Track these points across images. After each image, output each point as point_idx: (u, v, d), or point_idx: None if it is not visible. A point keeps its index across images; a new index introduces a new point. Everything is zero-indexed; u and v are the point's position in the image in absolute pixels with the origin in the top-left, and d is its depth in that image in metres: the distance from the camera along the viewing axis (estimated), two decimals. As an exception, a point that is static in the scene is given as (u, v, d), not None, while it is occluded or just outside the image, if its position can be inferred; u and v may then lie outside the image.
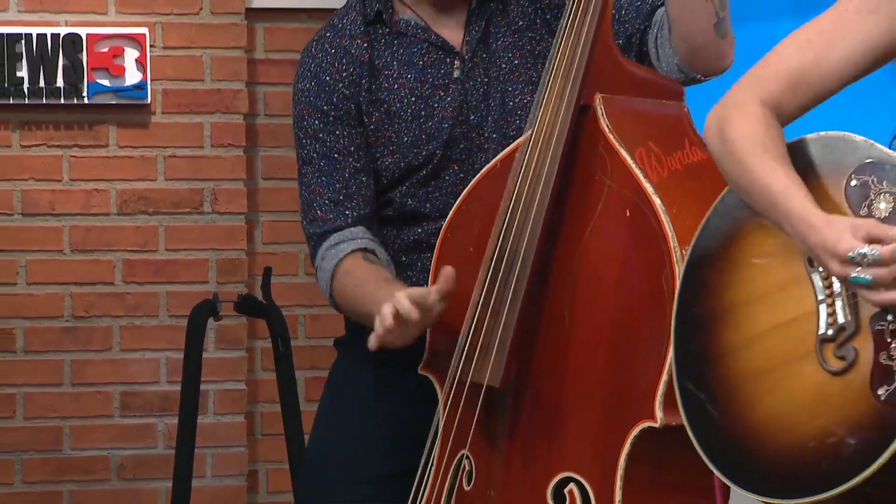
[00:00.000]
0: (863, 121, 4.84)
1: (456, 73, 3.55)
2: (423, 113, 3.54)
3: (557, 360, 3.30)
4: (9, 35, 5.05)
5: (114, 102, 5.11)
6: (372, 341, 3.34)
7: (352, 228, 3.56)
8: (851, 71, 2.86)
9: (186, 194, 5.19)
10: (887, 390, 2.61)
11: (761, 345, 2.85)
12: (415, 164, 3.53)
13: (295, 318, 5.13)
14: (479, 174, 3.45)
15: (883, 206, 2.75)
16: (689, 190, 3.25)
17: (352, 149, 3.57)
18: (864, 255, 2.65)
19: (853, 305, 2.77)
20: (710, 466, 2.88)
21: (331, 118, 3.57)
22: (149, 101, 5.15)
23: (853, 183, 2.78)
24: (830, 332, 2.77)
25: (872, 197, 2.77)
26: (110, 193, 5.15)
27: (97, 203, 5.14)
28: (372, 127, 3.54)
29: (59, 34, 5.08)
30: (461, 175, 3.54)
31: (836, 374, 2.73)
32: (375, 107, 3.54)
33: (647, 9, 3.53)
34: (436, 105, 3.54)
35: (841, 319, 2.76)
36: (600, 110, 3.29)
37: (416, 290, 3.31)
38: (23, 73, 5.06)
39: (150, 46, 5.13)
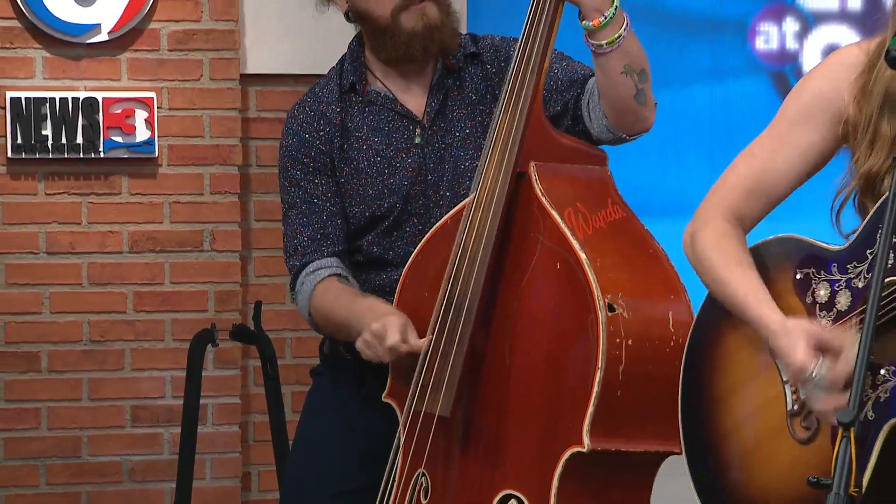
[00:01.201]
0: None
1: (417, 139, 3.57)
2: (386, 171, 3.55)
3: (500, 393, 3.29)
4: (35, 99, 5.04)
5: (126, 156, 5.11)
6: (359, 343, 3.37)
7: (328, 258, 3.59)
8: (795, 176, 2.86)
9: (188, 235, 5.18)
10: (843, 422, 2.54)
11: (748, 426, 2.84)
12: (378, 214, 3.54)
13: (283, 341, 5.11)
14: (432, 229, 3.44)
15: (822, 293, 2.76)
16: (611, 245, 3.25)
17: (328, 195, 3.60)
18: (814, 376, 2.65)
19: None
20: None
21: (310, 169, 3.59)
22: (156, 155, 5.14)
23: (798, 276, 2.80)
24: (796, 407, 2.76)
25: (814, 286, 2.78)
26: (123, 234, 5.15)
27: (111, 243, 5.13)
28: (342, 180, 3.56)
29: (78, 98, 5.07)
30: (419, 227, 3.53)
31: (804, 442, 2.74)
32: (346, 163, 3.57)
33: (580, 79, 3.51)
34: (398, 165, 3.56)
35: (802, 396, 2.75)
36: (534, 176, 3.28)
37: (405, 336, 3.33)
38: (47, 131, 5.04)
39: (158, 108, 5.12)
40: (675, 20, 5.64)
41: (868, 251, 2.72)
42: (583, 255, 3.16)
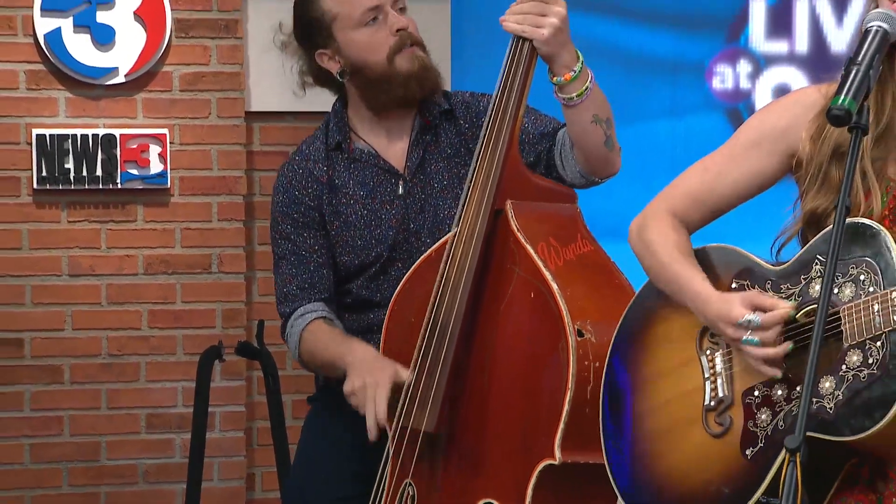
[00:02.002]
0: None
1: (400, 191, 3.55)
2: (373, 222, 3.54)
3: (479, 410, 3.28)
4: (58, 135, 5.05)
5: (141, 187, 5.12)
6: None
7: (315, 303, 3.58)
8: (739, 195, 2.85)
9: (198, 258, 5.18)
10: (753, 451, 2.61)
11: (665, 411, 2.84)
12: (366, 262, 3.53)
13: (284, 354, 5.01)
14: (418, 260, 3.44)
15: None
16: (580, 276, 3.25)
17: (316, 248, 3.57)
18: (750, 321, 2.65)
19: (730, 382, 2.77)
20: (614, 479, 2.87)
21: (299, 224, 3.57)
22: (169, 186, 5.15)
23: (734, 286, 2.79)
24: (713, 403, 2.76)
25: None
26: (138, 258, 5.15)
27: (128, 266, 5.14)
28: (333, 232, 3.54)
29: (98, 134, 5.08)
30: (404, 271, 3.47)
31: (716, 436, 2.74)
32: (335, 216, 3.54)
33: (550, 132, 3.50)
34: (383, 216, 3.54)
35: (720, 394, 2.76)
36: (510, 213, 3.28)
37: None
38: (69, 164, 5.05)
39: (170, 143, 5.12)
40: (640, 62, 5.63)
41: (803, 277, 2.73)
42: (554, 286, 3.16)
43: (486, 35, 5.57)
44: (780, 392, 2.68)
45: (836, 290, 2.61)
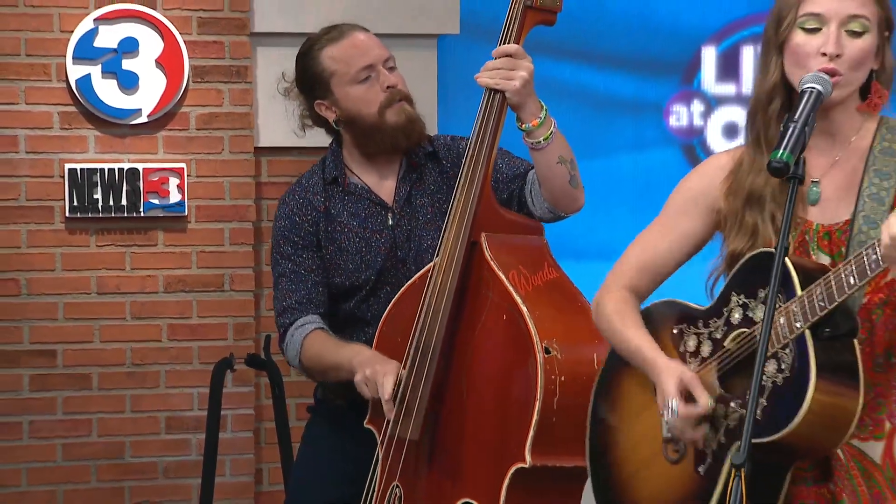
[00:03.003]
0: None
1: (389, 222, 3.56)
2: (363, 249, 3.55)
3: (459, 420, 3.31)
4: (88, 169, 5.06)
5: (161, 215, 5.11)
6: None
7: (313, 315, 3.59)
8: (678, 257, 2.89)
9: (212, 278, 5.18)
10: (704, 467, 2.62)
11: (637, 449, 2.87)
12: (356, 284, 3.54)
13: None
14: (403, 287, 3.45)
15: (691, 343, 2.81)
16: (547, 300, 3.27)
17: (313, 267, 3.57)
18: (672, 408, 2.69)
19: None
20: None
21: (299, 246, 3.58)
22: (186, 214, 5.14)
23: (675, 331, 2.84)
24: (669, 435, 2.78)
25: (685, 338, 2.82)
26: (159, 278, 5.15)
27: (149, 285, 5.13)
28: (327, 256, 3.55)
29: (123, 168, 5.08)
30: (391, 293, 3.49)
31: (674, 462, 2.77)
32: (330, 242, 3.56)
33: (521, 173, 3.52)
34: (373, 244, 3.55)
35: (666, 423, 2.77)
36: (485, 245, 3.30)
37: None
38: (98, 195, 5.05)
39: (187, 176, 5.12)
40: (605, 102, 5.66)
41: (724, 309, 2.77)
42: (524, 309, 3.19)
43: (468, 83, 5.57)
44: (719, 411, 2.70)
45: (750, 314, 2.67)
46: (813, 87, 2.63)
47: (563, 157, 3.38)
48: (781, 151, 2.53)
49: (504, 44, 3.32)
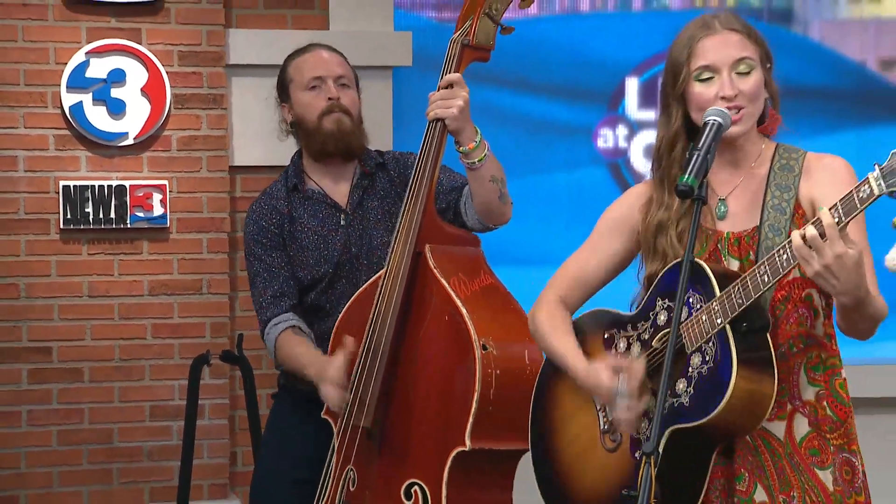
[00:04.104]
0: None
1: (342, 223, 3.63)
2: (321, 245, 3.60)
3: (406, 409, 3.36)
4: (80, 186, 5.03)
5: (146, 226, 5.09)
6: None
7: (286, 314, 3.60)
8: (605, 274, 2.95)
9: (191, 282, 5.16)
10: (640, 452, 2.65)
11: (576, 442, 2.90)
12: (316, 277, 3.60)
13: (260, 358, 5.07)
14: (355, 294, 3.49)
15: (622, 346, 2.87)
16: (484, 303, 3.34)
17: (282, 265, 3.62)
18: (618, 389, 2.73)
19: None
20: None
21: (268, 247, 3.62)
22: (168, 226, 5.11)
23: (605, 336, 2.89)
24: (605, 427, 2.84)
25: (616, 341, 2.87)
26: (144, 283, 5.13)
27: (136, 289, 5.11)
28: (292, 253, 3.61)
29: (112, 185, 5.05)
30: (348, 286, 3.58)
31: (611, 451, 2.82)
32: (293, 241, 3.62)
33: (458, 186, 3.59)
34: (329, 241, 3.60)
35: (610, 419, 2.83)
36: (428, 255, 3.36)
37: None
38: (89, 209, 5.03)
39: (170, 192, 5.10)
40: (540, 126, 5.66)
41: (650, 312, 2.81)
42: (464, 310, 3.23)
43: (419, 109, 5.59)
44: (651, 403, 2.75)
45: (673, 316, 2.70)
46: (715, 120, 2.68)
47: (495, 176, 3.42)
48: (687, 176, 2.58)
49: (445, 76, 3.38)
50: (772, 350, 2.66)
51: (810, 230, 2.49)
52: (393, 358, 3.35)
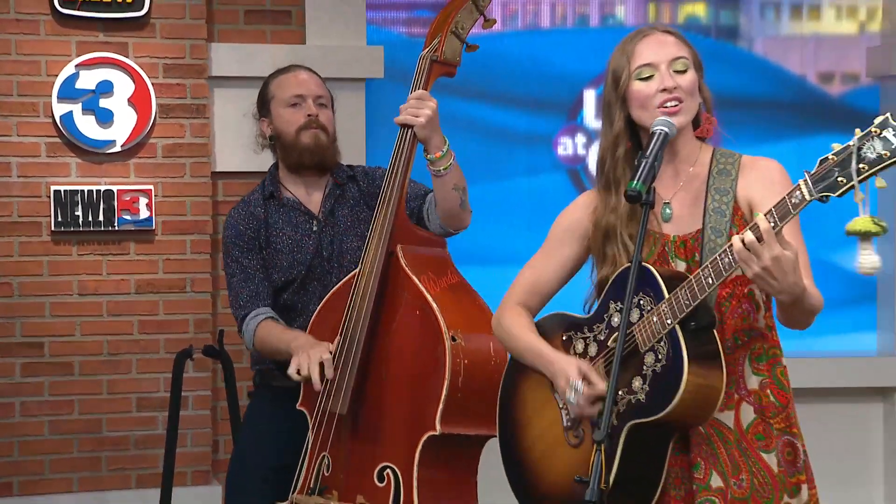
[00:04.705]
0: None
1: (315, 229, 3.65)
2: (295, 249, 3.63)
3: (380, 397, 3.37)
4: (71, 190, 5.02)
5: (133, 229, 5.08)
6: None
7: (263, 307, 3.62)
8: (560, 279, 2.95)
9: (176, 281, 5.14)
10: (597, 440, 2.61)
11: (542, 439, 2.89)
12: (290, 278, 3.62)
13: (241, 352, 5.02)
14: (330, 292, 3.50)
15: (580, 346, 2.86)
16: (452, 298, 3.37)
17: (258, 267, 3.64)
18: (576, 388, 2.74)
19: None
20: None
21: (245, 249, 3.64)
22: (154, 228, 5.10)
23: (564, 337, 2.89)
24: (569, 424, 2.83)
25: (574, 342, 2.86)
26: (130, 281, 5.12)
27: (123, 287, 5.10)
28: (267, 256, 3.63)
29: (100, 189, 5.04)
30: (319, 287, 3.60)
31: (575, 446, 2.81)
32: (268, 245, 3.64)
33: (422, 194, 3.63)
34: (303, 246, 3.63)
35: (573, 416, 2.82)
36: (400, 255, 3.39)
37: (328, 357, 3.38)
38: (79, 212, 5.01)
39: (155, 196, 5.09)
40: (504, 135, 5.68)
41: (605, 314, 2.82)
42: (434, 305, 3.26)
43: (391, 118, 5.60)
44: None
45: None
46: (662, 129, 2.70)
47: (458, 185, 3.46)
48: (635, 182, 2.60)
49: (415, 89, 3.42)
50: (719, 346, 2.68)
51: (749, 235, 2.52)
52: (367, 350, 3.37)
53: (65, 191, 5.01)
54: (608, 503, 2.58)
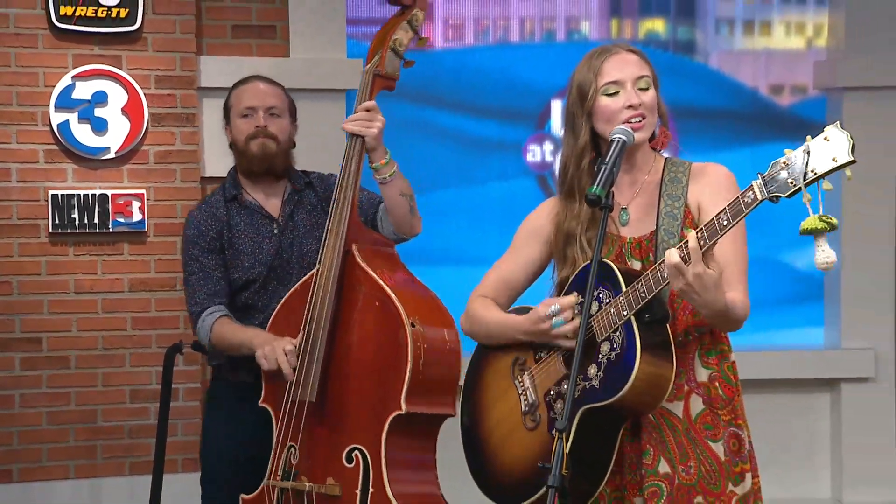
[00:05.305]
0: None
1: (275, 232, 3.67)
2: (256, 250, 3.64)
3: (345, 384, 3.39)
4: (67, 194, 5.02)
5: (126, 231, 5.08)
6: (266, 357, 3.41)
7: (219, 305, 3.62)
8: (525, 277, 2.97)
9: (167, 280, 5.14)
10: (556, 430, 2.62)
11: (501, 424, 2.91)
12: (251, 278, 3.62)
13: None
14: (290, 290, 3.53)
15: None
16: (406, 290, 3.43)
17: (217, 266, 3.64)
18: (552, 309, 2.76)
19: (534, 391, 2.84)
20: (479, 487, 2.91)
21: (206, 249, 3.65)
22: (146, 230, 5.10)
23: None
24: (526, 408, 2.85)
25: None
26: (124, 280, 5.11)
27: (117, 286, 5.09)
28: (229, 257, 3.64)
29: (95, 194, 5.04)
30: (279, 287, 3.62)
31: (532, 430, 2.82)
32: (230, 246, 3.64)
33: (375, 203, 3.66)
34: (263, 247, 3.64)
35: (530, 400, 2.84)
36: (356, 252, 3.43)
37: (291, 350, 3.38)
38: (75, 215, 5.01)
39: (147, 200, 5.09)
40: (477, 142, 5.68)
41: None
42: (392, 294, 3.30)
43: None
44: (565, 387, 2.77)
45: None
46: (620, 137, 2.72)
47: (405, 191, 3.51)
48: (595, 187, 2.62)
49: (361, 102, 3.47)
50: (671, 338, 2.70)
51: (675, 255, 2.56)
52: (330, 342, 3.41)
53: (62, 195, 5.00)
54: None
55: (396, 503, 3.23)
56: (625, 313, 2.67)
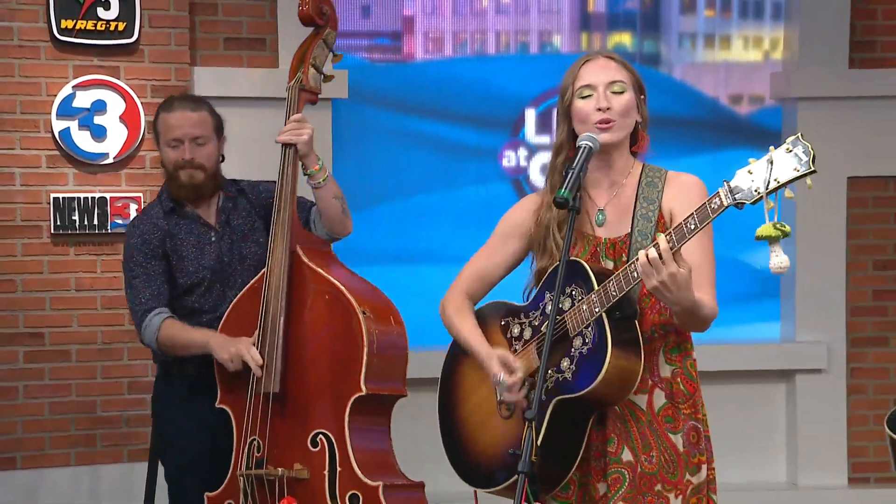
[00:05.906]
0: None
1: (213, 238, 3.68)
2: (199, 256, 3.64)
3: (304, 374, 3.44)
4: (68, 198, 5.00)
5: (124, 231, 4.93)
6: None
7: (164, 307, 3.60)
8: (503, 270, 2.97)
9: (163, 278, 5.14)
10: (529, 418, 2.63)
11: (476, 413, 2.92)
12: (196, 282, 3.63)
13: None
14: (242, 290, 3.57)
15: (516, 330, 2.88)
16: (352, 283, 3.49)
17: (160, 271, 3.62)
18: (498, 381, 2.77)
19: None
20: (454, 470, 2.91)
21: (149, 255, 3.63)
22: (143, 231, 5.11)
23: (502, 322, 2.91)
24: (501, 399, 2.85)
25: (511, 326, 2.89)
26: (122, 278, 5.02)
27: (115, 284, 5.04)
28: (173, 262, 3.63)
29: (95, 196, 5.02)
30: (222, 290, 3.63)
31: (506, 418, 2.83)
32: (174, 252, 3.64)
33: (307, 207, 3.69)
34: (205, 253, 3.64)
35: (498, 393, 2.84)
36: (301, 252, 3.49)
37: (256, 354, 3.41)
38: (76, 217, 4.99)
39: (144, 203, 5.04)
40: (454, 148, 5.67)
41: (540, 304, 2.85)
42: (342, 287, 3.38)
43: (355, 135, 5.61)
44: (539, 378, 2.78)
45: (560, 305, 2.74)
46: (586, 144, 2.74)
47: (337, 194, 3.57)
48: (563, 190, 2.63)
49: (290, 115, 3.54)
50: (639, 334, 2.72)
51: (651, 252, 2.57)
52: (286, 336, 3.45)
53: (63, 198, 4.99)
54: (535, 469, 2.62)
55: (364, 477, 3.28)
56: (596, 310, 2.68)
